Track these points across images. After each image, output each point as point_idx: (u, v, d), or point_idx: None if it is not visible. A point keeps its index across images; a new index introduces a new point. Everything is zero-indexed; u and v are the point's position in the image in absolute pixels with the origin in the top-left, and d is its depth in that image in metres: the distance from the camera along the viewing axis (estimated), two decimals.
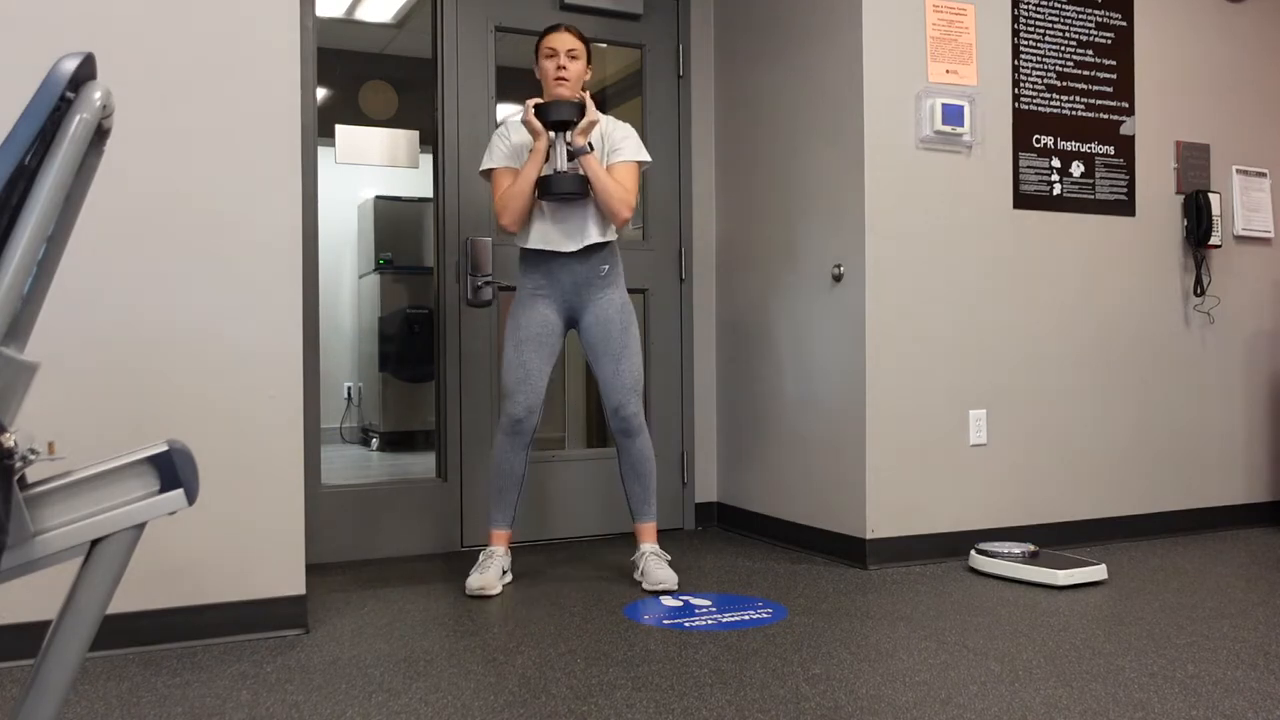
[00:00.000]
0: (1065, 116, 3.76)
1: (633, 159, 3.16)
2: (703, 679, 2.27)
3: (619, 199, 3.07)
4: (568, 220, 3.12)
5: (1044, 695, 2.14)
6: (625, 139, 3.18)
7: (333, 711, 2.09)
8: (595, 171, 3.06)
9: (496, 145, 3.17)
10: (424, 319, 6.63)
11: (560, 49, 3.11)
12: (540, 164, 3.05)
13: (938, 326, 3.52)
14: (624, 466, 3.21)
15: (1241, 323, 4.16)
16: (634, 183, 3.14)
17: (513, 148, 3.16)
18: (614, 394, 3.15)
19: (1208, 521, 4.08)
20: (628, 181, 3.12)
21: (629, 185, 3.12)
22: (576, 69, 3.12)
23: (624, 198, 3.08)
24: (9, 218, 1.18)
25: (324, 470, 3.63)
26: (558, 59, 3.11)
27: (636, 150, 3.17)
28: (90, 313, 2.48)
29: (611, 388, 3.15)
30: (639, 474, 3.20)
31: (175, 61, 2.57)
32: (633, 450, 3.18)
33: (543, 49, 3.15)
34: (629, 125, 3.23)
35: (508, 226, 3.11)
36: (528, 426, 3.12)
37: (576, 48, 3.13)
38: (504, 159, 3.15)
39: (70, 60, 1.23)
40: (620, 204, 3.08)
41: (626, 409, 3.14)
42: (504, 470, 3.15)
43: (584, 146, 3.05)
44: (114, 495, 1.34)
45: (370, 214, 6.84)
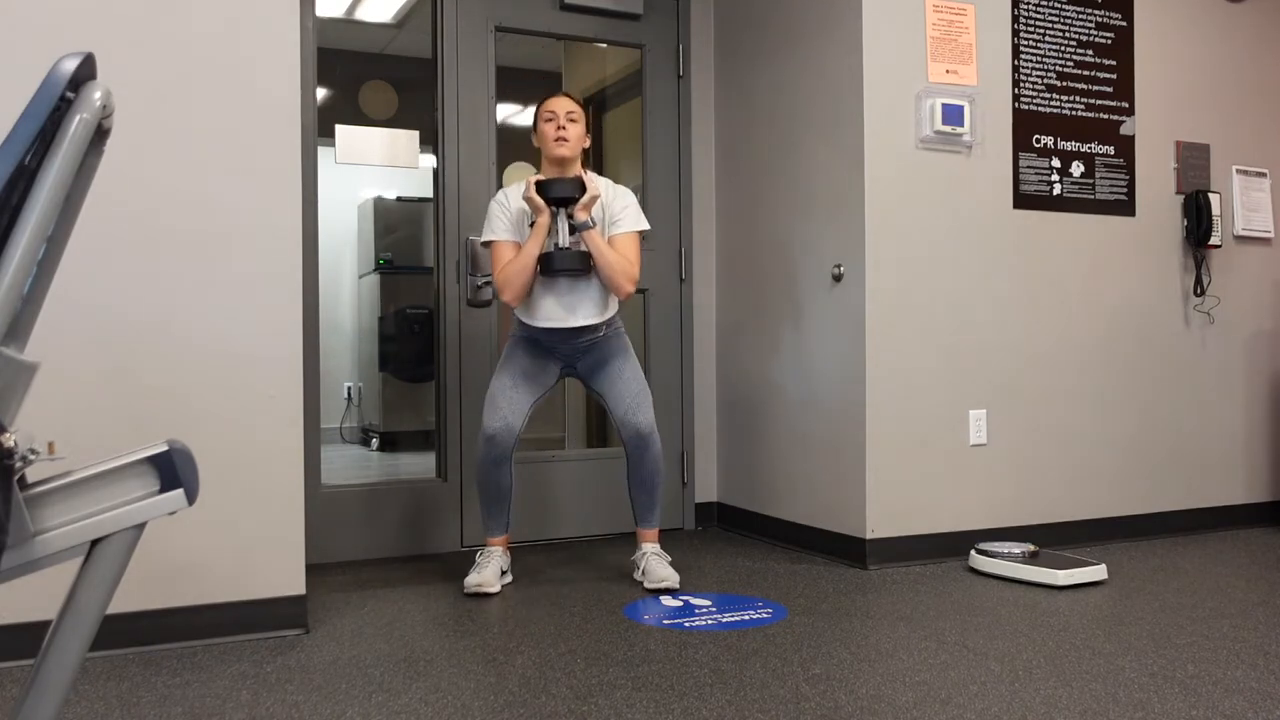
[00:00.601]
0: (1065, 116, 3.76)
1: (633, 229, 3.16)
2: (703, 679, 2.27)
3: (622, 273, 3.08)
4: (570, 296, 3.12)
5: (1044, 695, 2.14)
6: (625, 209, 3.17)
7: (333, 711, 2.09)
8: (598, 246, 3.06)
9: (497, 216, 3.16)
10: (424, 319, 6.63)
11: (559, 112, 3.11)
12: (542, 240, 3.05)
13: (938, 326, 3.52)
14: (633, 477, 3.18)
15: (1241, 323, 4.16)
16: (636, 254, 3.15)
17: (513, 219, 3.15)
18: (622, 402, 3.13)
19: (1208, 521, 4.08)
20: (630, 253, 3.13)
21: (631, 257, 3.13)
22: (576, 132, 3.13)
23: (627, 271, 3.09)
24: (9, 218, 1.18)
25: (324, 470, 3.63)
26: (557, 121, 3.11)
27: (636, 220, 3.18)
28: (90, 313, 2.48)
29: (619, 397, 3.13)
30: (648, 485, 3.17)
31: (175, 61, 2.57)
32: (645, 461, 3.14)
33: (542, 113, 3.15)
34: (629, 192, 3.23)
35: (510, 302, 3.10)
36: (503, 441, 3.06)
37: (575, 111, 3.14)
38: (505, 231, 3.14)
39: (70, 60, 1.23)
40: (623, 278, 3.09)
41: (637, 414, 3.11)
42: (487, 485, 3.13)
43: (586, 222, 3.05)
44: (114, 495, 1.34)
45: (370, 214, 6.84)
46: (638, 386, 3.15)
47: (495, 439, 3.06)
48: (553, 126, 3.12)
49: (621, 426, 3.14)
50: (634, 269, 3.12)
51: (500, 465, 3.09)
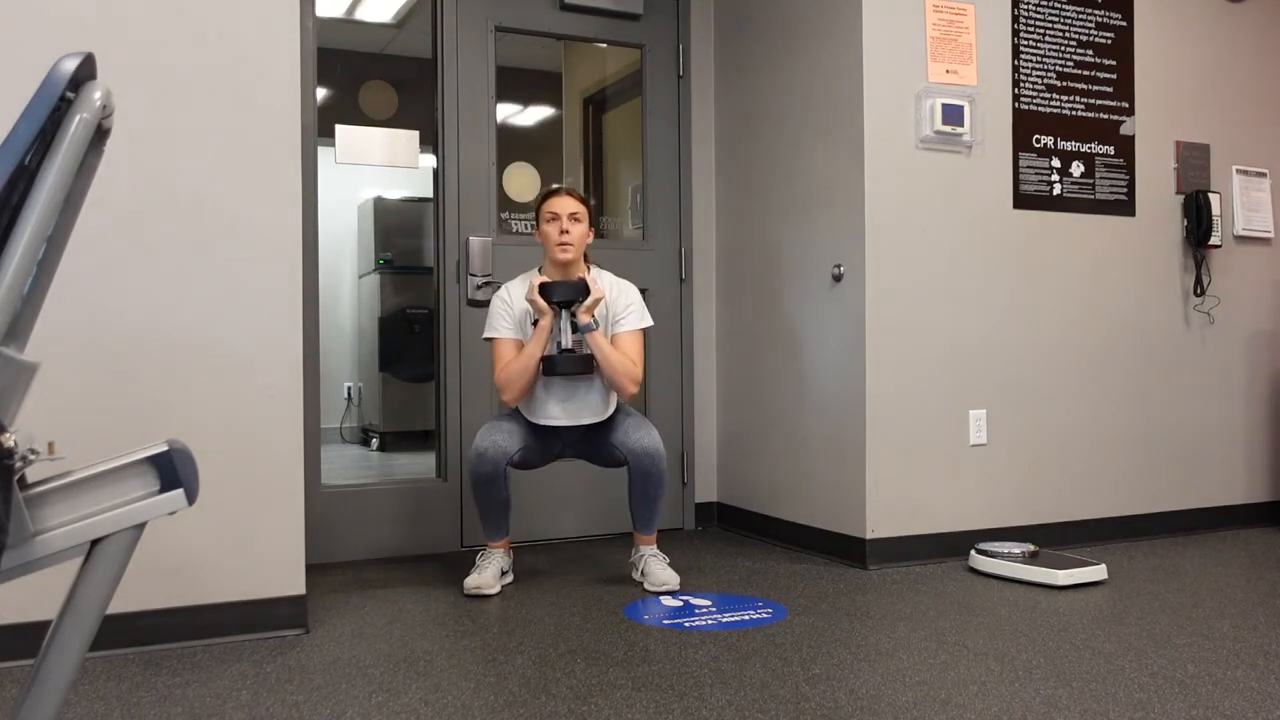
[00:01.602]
0: (1065, 116, 3.76)
1: (637, 328, 3.16)
2: (703, 679, 2.27)
3: (625, 374, 3.07)
4: (570, 399, 3.12)
5: (1044, 695, 2.14)
6: (629, 308, 3.17)
7: (333, 711, 2.09)
8: (601, 348, 3.05)
9: (500, 314, 3.15)
10: (424, 319, 6.62)
11: (563, 213, 3.09)
12: (544, 342, 3.04)
13: (938, 326, 3.52)
14: (635, 489, 3.14)
15: (1241, 323, 4.16)
16: (639, 352, 3.15)
17: (516, 317, 3.14)
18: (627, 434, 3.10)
19: (1208, 521, 4.08)
20: (633, 352, 3.12)
21: (634, 356, 3.12)
22: (579, 232, 3.11)
23: (630, 372, 3.08)
24: (9, 218, 1.18)
25: (324, 470, 3.63)
26: (560, 223, 3.09)
27: (640, 318, 3.18)
28: (90, 313, 2.48)
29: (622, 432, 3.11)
30: (650, 498, 3.15)
31: (175, 61, 2.57)
32: (651, 477, 3.09)
33: (544, 213, 3.13)
34: (633, 288, 3.22)
35: (509, 403, 3.10)
36: (492, 460, 3.03)
37: (579, 211, 3.12)
38: (507, 329, 3.13)
39: (70, 60, 1.23)
40: (626, 379, 3.07)
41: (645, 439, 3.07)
42: (484, 499, 3.11)
43: (589, 324, 3.04)
44: (114, 495, 1.34)
45: (370, 214, 6.83)
46: (635, 419, 3.16)
47: (485, 455, 3.03)
48: (555, 229, 3.09)
49: (630, 452, 3.08)
50: (637, 369, 3.10)
51: (492, 481, 3.06)
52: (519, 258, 3.79)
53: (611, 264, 3.59)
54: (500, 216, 3.95)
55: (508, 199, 4.09)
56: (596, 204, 4.70)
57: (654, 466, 3.09)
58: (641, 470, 3.10)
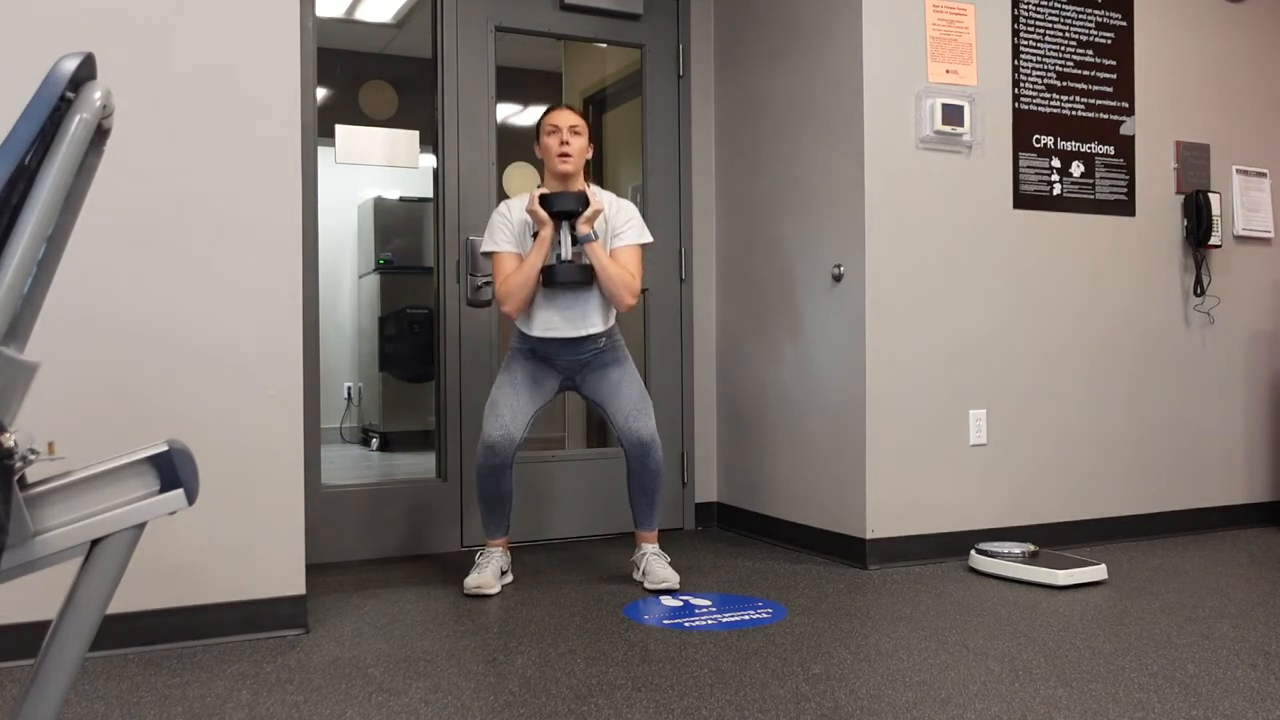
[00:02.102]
0: (1065, 116, 3.76)
1: (636, 242, 3.17)
2: (703, 679, 2.27)
3: (623, 286, 3.08)
4: (571, 308, 3.12)
5: (1044, 695, 2.14)
6: (628, 223, 3.18)
7: (333, 711, 2.09)
8: (600, 259, 3.06)
9: (499, 227, 3.16)
10: (424, 319, 6.62)
11: (563, 125, 3.11)
12: (545, 253, 3.05)
13: (938, 326, 3.52)
14: (633, 484, 3.17)
15: (1241, 323, 4.16)
16: (638, 266, 3.16)
17: (515, 230, 3.15)
18: (621, 410, 3.12)
19: (1208, 521, 4.08)
20: (632, 265, 3.13)
21: (633, 270, 3.13)
22: (579, 145, 3.13)
23: (629, 284, 3.09)
24: (9, 218, 1.18)
25: (324, 470, 3.63)
26: (560, 135, 3.11)
27: (639, 233, 3.19)
28: (90, 312, 2.48)
29: (618, 406, 3.13)
30: (648, 492, 3.17)
31: (175, 61, 2.57)
32: (647, 468, 3.13)
33: (545, 126, 3.15)
34: (632, 205, 3.24)
35: (510, 314, 3.11)
36: (504, 450, 3.05)
37: (579, 124, 3.14)
38: (507, 243, 3.14)
39: (70, 60, 1.23)
40: (624, 291, 3.09)
41: (637, 420, 3.10)
42: (487, 492, 3.12)
43: (588, 235, 3.06)
44: (114, 495, 1.34)
45: (370, 214, 6.84)
46: (637, 394, 3.15)
47: (495, 448, 3.05)
48: (556, 140, 3.11)
49: (623, 435, 3.13)
50: (635, 282, 3.12)
51: (500, 473, 3.08)
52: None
53: None
54: None
55: (508, 199, 4.09)
56: None
57: (650, 459, 3.11)
58: (639, 462, 3.12)
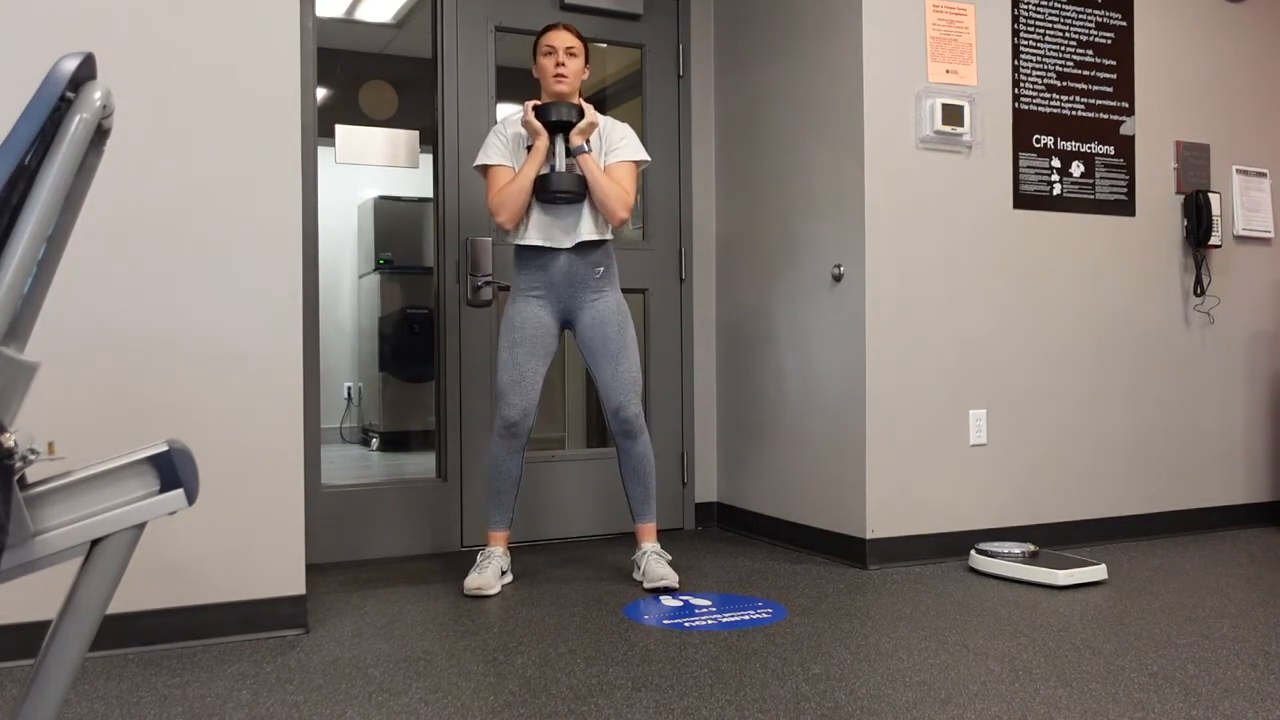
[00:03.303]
0: (1065, 116, 3.76)
1: (631, 159, 3.17)
2: (703, 679, 2.27)
3: (616, 198, 3.08)
4: (564, 218, 3.12)
5: (1044, 695, 2.14)
6: (623, 139, 3.19)
7: (333, 711, 2.09)
8: (593, 171, 3.07)
9: (492, 142, 3.18)
10: (424, 319, 6.63)
11: (559, 46, 3.13)
12: (539, 163, 3.07)
13: (938, 326, 3.52)
14: (624, 468, 3.21)
15: (1241, 323, 4.16)
16: (632, 182, 3.16)
17: (509, 144, 3.17)
18: (614, 395, 3.15)
19: (1208, 521, 4.08)
20: (625, 181, 3.13)
21: (627, 185, 3.13)
22: (575, 66, 3.14)
23: (621, 197, 3.09)
24: (9, 218, 1.18)
25: (324, 470, 3.63)
26: (556, 56, 3.13)
27: (635, 150, 3.19)
28: (90, 313, 2.48)
29: (611, 389, 3.15)
30: (639, 475, 3.20)
31: (175, 61, 2.57)
32: (634, 452, 3.18)
33: (541, 46, 3.16)
34: (627, 125, 3.24)
35: (503, 224, 3.11)
36: (523, 429, 3.12)
37: (575, 45, 3.15)
38: (500, 156, 3.15)
39: (70, 60, 1.23)
40: (617, 203, 3.08)
41: (627, 409, 3.14)
42: (500, 473, 3.15)
43: (582, 146, 3.07)
44: (114, 495, 1.34)
45: (370, 214, 6.84)
46: (631, 378, 3.16)
47: (515, 427, 3.10)
48: (551, 61, 3.13)
49: (611, 418, 3.17)
50: (629, 196, 3.12)
51: (515, 455, 3.13)
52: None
53: None
54: None
55: None
56: None
57: (638, 442, 3.16)
58: (625, 446, 3.17)
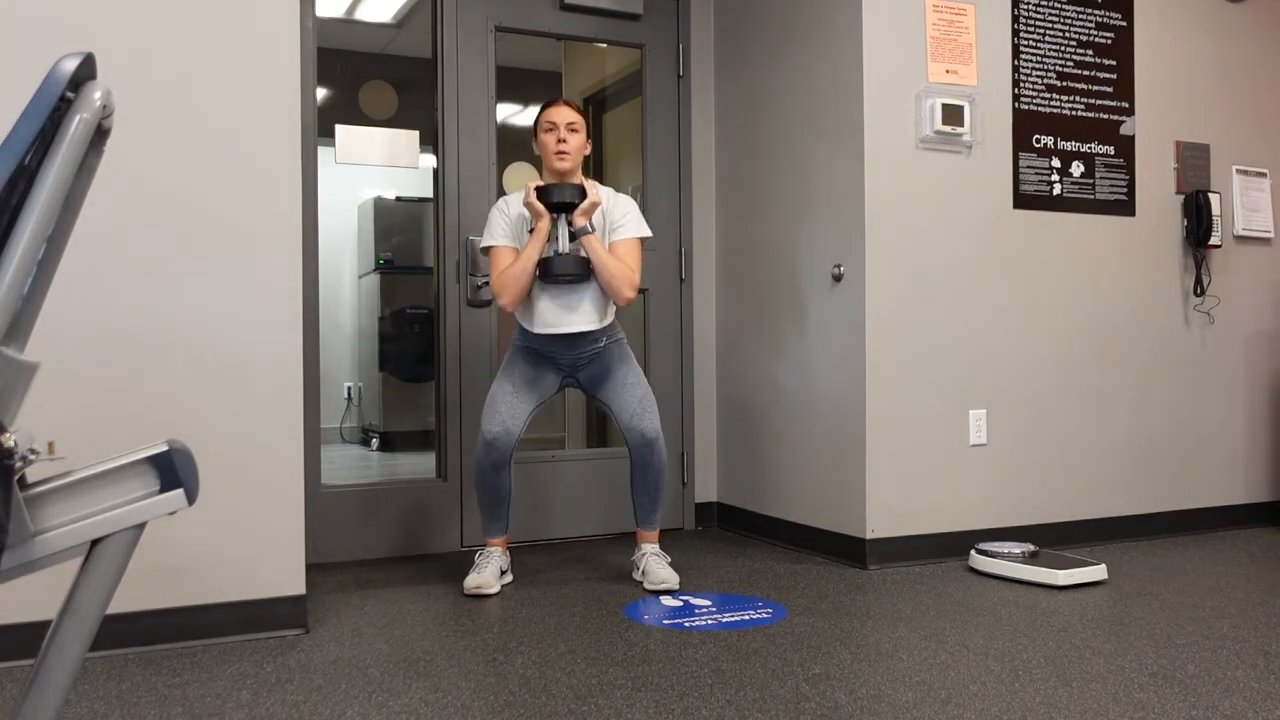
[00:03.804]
0: (1065, 116, 3.76)
1: (634, 236, 3.15)
2: (703, 679, 2.27)
3: (622, 279, 3.07)
4: (568, 302, 3.10)
5: (1044, 695, 2.14)
6: (626, 215, 3.17)
7: (333, 711, 2.09)
8: (598, 252, 3.05)
9: (497, 222, 3.15)
10: (424, 319, 6.62)
11: (560, 123, 3.10)
12: (542, 245, 3.04)
13: (938, 326, 3.52)
14: (637, 480, 3.17)
15: (1241, 323, 4.16)
16: (636, 260, 3.14)
17: (513, 225, 3.14)
18: (627, 407, 3.12)
19: (1208, 521, 4.08)
20: (630, 259, 3.12)
21: (632, 264, 3.12)
22: (576, 142, 3.11)
23: (627, 277, 3.08)
24: (9, 218, 1.18)
25: (324, 470, 3.63)
26: (557, 133, 3.10)
27: (638, 227, 3.17)
28: (90, 312, 2.48)
29: (623, 402, 3.12)
30: (651, 489, 3.16)
31: (175, 61, 2.57)
32: (651, 465, 3.12)
33: (542, 123, 3.14)
34: (630, 199, 3.23)
35: (506, 307, 3.09)
36: (503, 445, 3.05)
37: (576, 121, 3.12)
38: (504, 236, 3.13)
39: (70, 60, 1.23)
40: (623, 284, 3.07)
41: (643, 419, 3.09)
42: (488, 489, 3.12)
43: (585, 227, 3.05)
44: (114, 495, 1.34)
45: (370, 214, 6.84)
46: (642, 392, 3.15)
47: (494, 444, 3.05)
48: (553, 138, 3.10)
49: (627, 432, 3.12)
50: (634, 275, 3.10)
51: (499, 470, 3.08)
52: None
53: None
54: None
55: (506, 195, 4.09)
56: None
57: (654, 457, 3.11)
58: (641, 460, 3.12)
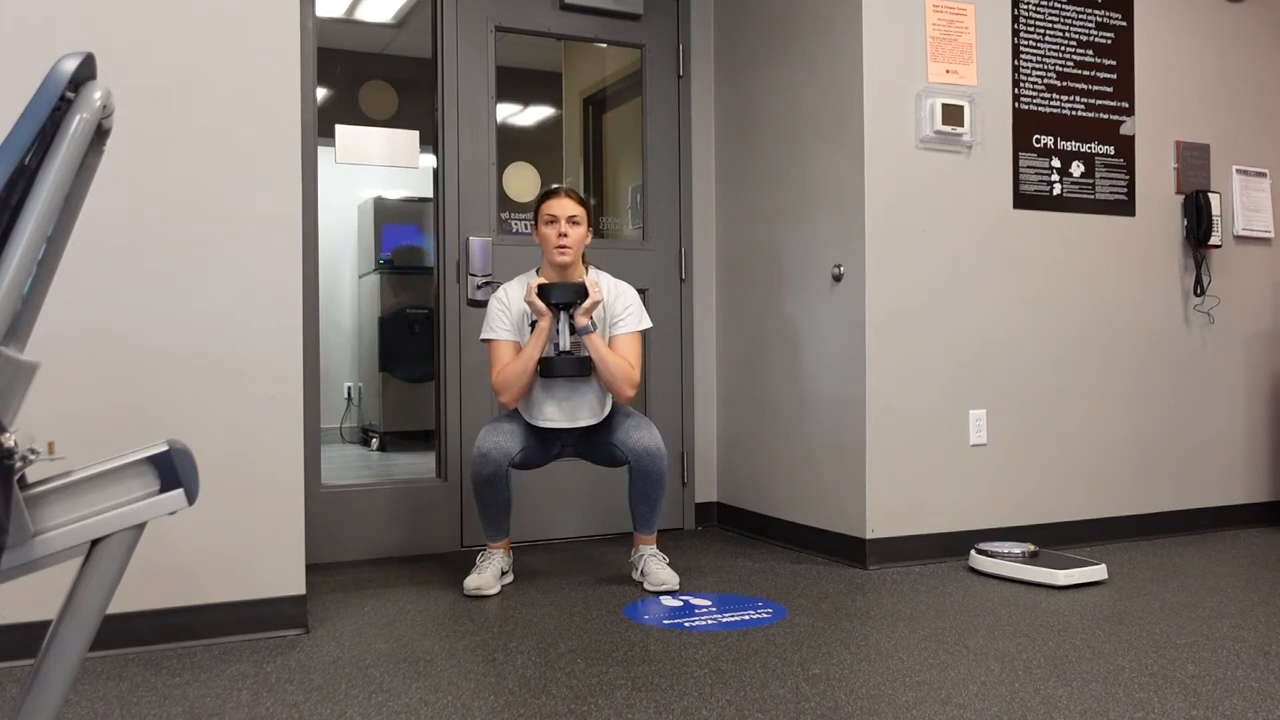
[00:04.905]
0: (1065, 116, 3.76)
1: (635, 330, 3.16)
2: (703, 679, 2.27)
3: (623, 377, 3.08)
4: (569, 398, 3.12)
5: (1044, 695, 2.14)
6: (628, 309, 3.17)
7: (333, 711, 2.09)
8: (599, 351, 3.06)
9: (497, 316, 3.15)
10: (424, 319, 6.63)
11: (561, 216, 3.09)
12: (543, 344, 3.04)
13: (938, 326, 3.52)
14: (635, 491, 3.14)
15: (1241, 323, 4.16)
16: (637, 356, 3.15)
17: (514, 319, 3.15)
18: (626, 430, 3.10)
19: (1208, 521, 4.08)
20: (630, 355, 3.13)
21: (632, 359, 3.12)
22: (577, 235, 3.10)
23: (628, 375, 3.09)
24: (9, 218, 1.18)
25: (324, 470, 3.63)
26: (558, 226, 3.08)
27: (639, 320, 3.18)
28: (90, 313, 2.48)
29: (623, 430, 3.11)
30: (650, 499, 3.15)
31: (175, 61, 2.57)
32: (651, 476, 3.09)
33: (543, 214, 3.12)
34: (631, 290, 3.23)
35: (506, 404, 3.10)
36: (495, 461, 3.03)
37: (578, 213, 3.11)
38: (505, 330, 3.13)
39: (70, 60, 1.23)
40: (624, 382, 3.08)
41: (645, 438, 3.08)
42: (486, 501, 3.11)
43: (587, 326, 3.05)
44: (114, 495, 1.34)
45: (370, 214, 6.84)
46: (639, 419, 3.15)
47: (488, 456, 3.04)
48: (554, 231, 3.08)
49: (629, 451, 3.09)
50: (635, 373, 3.11)
51: (494, 482, 3.06)
52: (519, 258, 3.79)
53: (611, 264, 3.60)
54: (500, 216, 3.95)
55: (508, 199, 4.10)
56: (596, 204, 4.70)
57: (655, 466, 3.09)
58: (642, 470, 3.10)
